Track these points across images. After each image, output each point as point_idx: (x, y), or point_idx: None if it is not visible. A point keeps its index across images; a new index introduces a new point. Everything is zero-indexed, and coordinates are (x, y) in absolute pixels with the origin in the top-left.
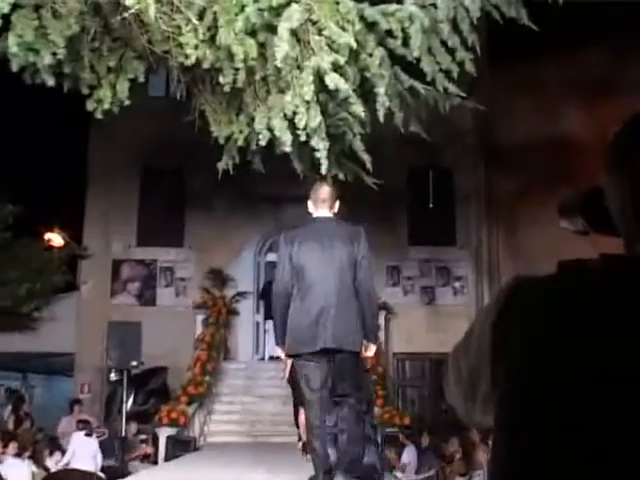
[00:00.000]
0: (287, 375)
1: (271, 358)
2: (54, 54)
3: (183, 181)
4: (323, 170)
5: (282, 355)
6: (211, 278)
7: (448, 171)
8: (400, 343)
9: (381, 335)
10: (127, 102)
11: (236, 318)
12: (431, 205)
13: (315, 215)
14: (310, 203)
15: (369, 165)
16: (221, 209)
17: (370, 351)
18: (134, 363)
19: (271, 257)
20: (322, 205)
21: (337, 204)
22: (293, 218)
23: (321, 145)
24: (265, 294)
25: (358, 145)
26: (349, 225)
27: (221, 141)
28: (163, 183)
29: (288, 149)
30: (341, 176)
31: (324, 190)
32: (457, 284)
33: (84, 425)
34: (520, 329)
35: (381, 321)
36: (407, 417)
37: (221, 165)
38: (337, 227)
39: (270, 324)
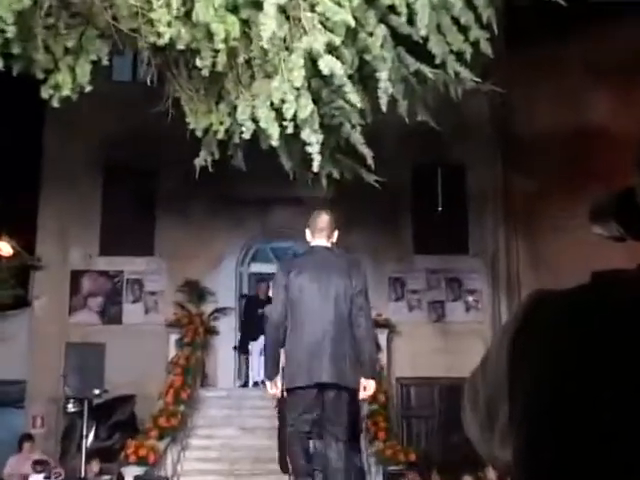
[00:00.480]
0: (276, 404)
1: (256, 384)
2: (1, 32)
3: (154, 180)
4: (315, 167)
5: (268, 390)
6: (186, 292)
7: (459, 168)
8: (405, 366)
9: (383, 357)
10: (88, 88)
11: (215, 338)
12: (440, 208)
13: (313, 244)
14: (308, 232)
15: (370, 161)
16: (198, 212)
17: (369, 390)
18: (96, 391)
19: (256, 268)
20: (320, 234)
21: (336, 233)
22: (280, 222)
23: (313, 138)
24: (249, 311)
25: (357, 138)
26: (347, 255)
27: (198, 134)
28: (130, 182)
29: (275, 143)
30: (336, 174)
31: (322, 219)
32: (470, 298)
33: (42, 467)
34: (542, 344)
35: (383, 341)
36: (413, 453)
37: (198, 162)
38: (335, 257)
39: (255, 345)
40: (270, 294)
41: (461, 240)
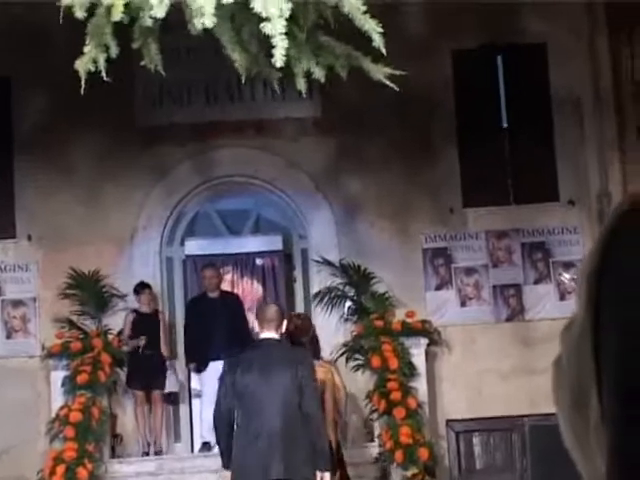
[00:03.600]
0: None
1: (204, 446)
2: None
3: (7, 104)
4: (278, 61)
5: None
6: (76, 297)
7: (537, 52)
8: (459, 401)
9: (420, 386)
10: None
11: None
12: (505, 125)
13: (261, 336)
14: (256, 323)
15: (379, 43)
16: (87, 161)
17: None
18: None
19: (194, 246)
20: (268, 326)
21: (284, 324)
22: (231, 166)
23: (273, 10)
24: (195, 321)
25: (355, 5)
26: (295, 348)
27: (79, 15)
28: None
29: (209, 22)
30: (319, 74)
31: (271, 310)
32: (566, 276)
33: None
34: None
35: (419, 359)
36: None
37: (82, 65)
38: (282, 350)
39: (202, 377)
40: (223, 287)
41: (545, 179)
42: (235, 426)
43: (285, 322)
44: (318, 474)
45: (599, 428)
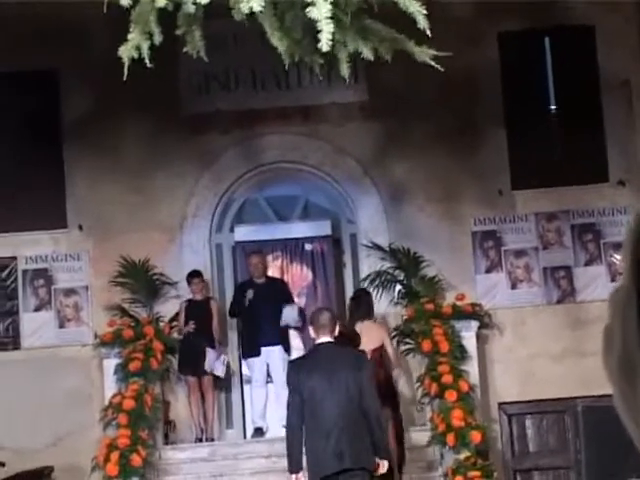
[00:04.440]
0: None
1: (257, 432)
2: None
3: (56, 96)
4: (324, 45)
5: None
6: (127, 285)
7: (585, 35)
8: (511, 384)
9: (472, 369)
10: None
11: None
12: (553, 107)
13: (318, 341)
14: (311, 329)
15: (425, 25)
16: (136, 150)
17: (383, 468)
18: None
19: (243, 233)
20: (323, 331)
21: (337, 327)
22: (278, 153)
23: None
24: (241, 307)
25: None
26: (353, 351)
27: (124, 2)
28: (12, 101)
29: (257, 7)
30: (367, 53)
31: (324, 317)
32: (617, 257)
33: None
34: None
35: (470, 342)
36: None
37: (126, 52)
38: (341, 353)
39: (251, 363)
40: (269, 273)
41: (594, 160)
42: (305, 427)
43: (338, 325)
44: (378, 461)
45: None
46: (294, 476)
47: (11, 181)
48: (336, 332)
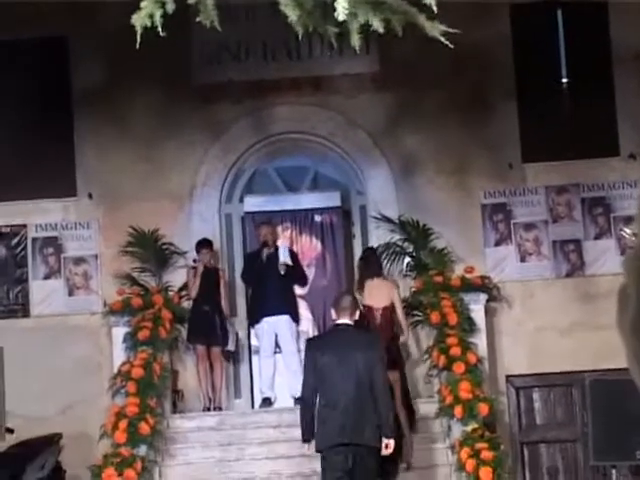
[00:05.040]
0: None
1: (265, 402)
2: None
3: (65, 63)
4: (340, 14)
5: (307, 450)
6: (137, 254)
7: (598, 7)
8: (520, 357)
9: (480, 342)
10: None
11: None
12: (565, 80)
13: (337, 322)
14: (332, 310)
15: (432, 3)
16: (146, 119)
17: (389, 448)
18: None
19: (253, 203)
20: (343, 313)
21: (357, 312)
22: (288, 123)
23: None
24: (250, 276)
25: None
26: (367, 333)
27: None
28: (21, 70)
29: None
30: (377, 25)
31: (346, 300)
32: (627, 231)
33: None
34: None
35: (478, 315)
36: None
37: (139, 20)
38: (356, 335)
39: (259, 330)
40: (279, 243)
41: (605, 133)
42: (317, 401)
43: (358, 310)
44: (384, 440)
45: None
46: (307, 445)
47: (21, 149)
48: (356, 316)
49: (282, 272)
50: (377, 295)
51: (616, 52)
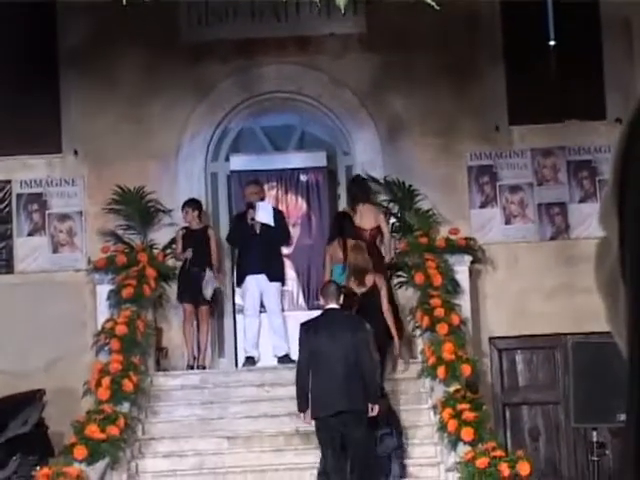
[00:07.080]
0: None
1: (249, 360)
2: None
3: (52, 22)
4: None
5: (302, 420)
6: (122, 212)
7: None
8: (503, 319)
9: (464, 303)
10: None
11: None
12: (552, 42)
13: (326, 307)
14: (321, 297)
15: None
16: (132, 76)
17: (374, 411)
18: None
19: (239, 162)
20: (330, 299)
21: (341, 297)
22: (275, 82)
23: None
24: (235, 234)
25: None
26: (354, 317)
27: None
28: (7, 28)
29: None
30: None
31: (331, 288)
32: None
33: None
34: None
35: (462, 277)
36: (526, 463)
37: None
38: (343, 318)
39: (243, 289)
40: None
41: (592, 96)
42: (310, 376)
43: (341, 295)
44: (370, 405)
45: (625, 306)
46: (302, 414)
47: (6, 105)
48: (341, 300)
49: (257, 231)
50: (367, 217)
51: (605, 16)
